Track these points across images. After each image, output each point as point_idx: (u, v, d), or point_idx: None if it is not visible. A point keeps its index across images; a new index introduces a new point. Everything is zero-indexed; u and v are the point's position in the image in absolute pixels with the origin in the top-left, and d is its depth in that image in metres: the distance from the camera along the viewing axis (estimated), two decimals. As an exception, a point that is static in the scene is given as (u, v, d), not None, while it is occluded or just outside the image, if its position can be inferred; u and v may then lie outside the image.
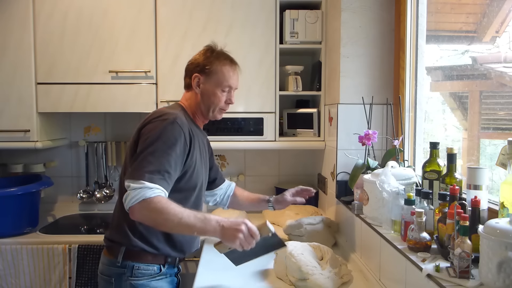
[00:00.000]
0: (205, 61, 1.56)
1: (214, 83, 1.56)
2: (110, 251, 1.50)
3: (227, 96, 1.60)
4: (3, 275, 2.02)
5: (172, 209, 1.33)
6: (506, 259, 0.91)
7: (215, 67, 1.56)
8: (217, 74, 1.56)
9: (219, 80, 1.56)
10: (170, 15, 2.23)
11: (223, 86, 1.57)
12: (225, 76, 1.57)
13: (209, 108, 1.58)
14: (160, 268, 1.49)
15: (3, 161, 2.56)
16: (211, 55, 1.58)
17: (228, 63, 1.59)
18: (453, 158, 1.34)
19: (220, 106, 1.59)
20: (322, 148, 2.34)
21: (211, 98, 1.56)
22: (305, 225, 1.94)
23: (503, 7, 1.51)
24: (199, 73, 1.56)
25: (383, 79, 2.00)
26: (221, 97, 1.58)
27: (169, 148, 1.38)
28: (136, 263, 1.45)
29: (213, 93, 1.56)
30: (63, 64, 2.23)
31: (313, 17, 2.27)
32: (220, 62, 1.57)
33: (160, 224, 1.35)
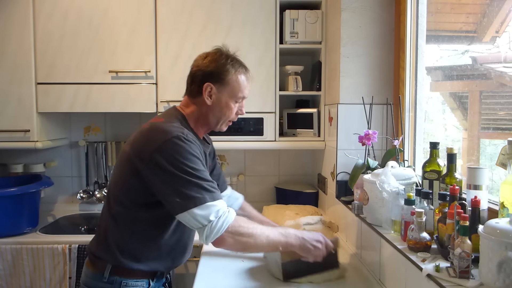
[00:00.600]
0: (219, 69, 1.41)
1: (229, 94, 1.42)
2: (95, 265, 1.39)
3: (239, 107, 1.47)
4: (3, 275, 2.02)
5: (256, 228, 1.31)
6: (506, 259, 0.91)
7: (230, 76, 1.41)
8: (232, 84, 1.42)
9: (235, 91, 1.42)
10: (170, 15, 2.23)
11: (238, 97, 1.44)
12: (241, 86, 1.43)
13: (219, 120, 1.45)
14: (149, 282, 1.40)
15: (3, 161, 2.56)
16: (226, 63, 1.42)
17: (244, 71, 1.46)
18: (453, 158, 1.34)
19: (231, 117, 1.47)
20: (322, 148, 2.34)
21: (224, 110, 1.43)
22: (303, 225, 1.94)
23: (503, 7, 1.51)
24: (212, 82, 1.40)
25: (383, 79, 2.00)
26: (233, 108, 1.45)
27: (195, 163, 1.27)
28: (124, 279, 1.35)
29: (227, 104, 1.43)
30: (63, 64, 2.23)
31: (313, 17, 2.27)
32: (237, 71, 1.43)
33: (250, 247, 1.31)
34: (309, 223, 1.96)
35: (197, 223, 1.24)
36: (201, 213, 1.22)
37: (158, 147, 1.27)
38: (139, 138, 1.35)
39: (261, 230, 1.31)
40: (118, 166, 1.40)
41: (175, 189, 1.24)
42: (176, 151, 1.26)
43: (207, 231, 1.24)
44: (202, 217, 1.23)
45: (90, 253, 1.42)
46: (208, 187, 1.26)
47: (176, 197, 1.24)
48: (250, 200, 2.64)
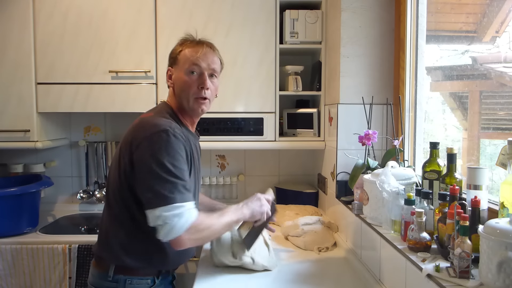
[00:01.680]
0: (172, 52, 1.48)
1: (179, 69, 1.43)
2: (99, 265, 1.41)
3: (198, 80, 1.41)
4: (3, 275, 2.02)
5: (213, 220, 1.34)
6: (506, 259, 0.91)
7: (177, 52, 1.45)
8: (180, 58, 1.43)
9: (181, 62, 1.43)
10: (170, 14, 2.23)
11: (187, 67, 1.41)
12: (188, 57, 1.41)
13: (182, 99, 1.42)
14: (154, 280, 1.41)
15: (3, 161, 2.56)
16: (176, 44, 1.49)
17: (192, 44, 1.45)
18: (453, 158, 1.34)
19: (192, 92, 1.41)
20: (322, 148, 2.34)
21: (181, 86, 1.42)
22: (301, 226, 1.94)
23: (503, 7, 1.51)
24: (170, 65, 1.48)
25: (383, 79, 2.00)
26: (189, 81, 1.40)
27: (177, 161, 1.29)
28: (128, 277, 1.37)
29: (180, 79, 1.42)
30: (63, 64, 2.22)
31: (313, 17, 2.27)
32: (183, 45, 1.45)
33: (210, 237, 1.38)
34: (308, 223, 1.96)
35: (159, 221, 1.23)
36: (166, 214, 1.22)
37: (144, 139, 1.29)
38: (127, 134, 1.37)
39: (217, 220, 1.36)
40: (113, 165, 1.40)
41: (150, 185, 1.26)
42: (160, 145, 1.28)
43: (166, 229, 1.23)
44: (165, 217, 1.22)
45: (95, 253, 1.45)
46: (181, 188, 1.27)
47: (149, 193, 1.26)
48: (250, 200, 2.65)
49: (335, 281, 1.55)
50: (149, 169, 1.26)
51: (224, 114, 2.27)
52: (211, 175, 2.63)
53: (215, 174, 2.65)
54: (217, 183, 2.61)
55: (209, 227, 1.32)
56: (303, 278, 1.56)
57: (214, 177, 2.61)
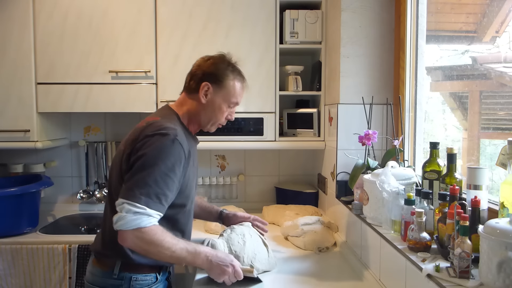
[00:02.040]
0: (219, 71, 1.48)
1: (223, 97, 1.49)
2: (102, 263, 1.43)
3: (229, 112, 1.54)
4: (3, 275, 2.02)
5: (166, 242, 1.30)
6: (506, 259, 0.91)
7: (228, 81, 1.48)
8: (228, 89, 1.49)
9: (229, 95, 1.49)
10: (170, 15, 2.23)
11: (231, 102, 1.51)
12: (236, 93, 1.50)
13: (209, 121, 1.51)
14: (156, 276, 1.45)
15: (3, 161, 2.56)
16: (226, 68, 1.50)
17: (241, 80, 1.53)
18: (453, 158, 1.34)
19: (221, 121, 1.53)
20: (322, 148, 2.34)
21: (215, 112, 1.49)
22: (301, 226, 1.94)
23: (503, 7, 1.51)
24: (210, 82, 1.46)
25: (383, 79, 2.00)
26: (225, 112, 1.51)
27: (170, 170, 1.31)
28: (133, 274, 1.40)
29: (219, 107, 1.49)
30: (63, 64, 2.22)
31: (313, 17, 2.27)
32: (235, 78, 1.50)
33: (151, 254, 1.32)
34: (307, 223, 1.96)
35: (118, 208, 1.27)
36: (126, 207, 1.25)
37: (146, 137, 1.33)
38: (131, 134, 1.40)
39: (171, 245, 1.31)
40: (115, 165, 1.42)
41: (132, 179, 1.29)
42: (158, 148, 1.31)
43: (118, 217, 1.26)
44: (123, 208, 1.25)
45: (96, 252, 1.45)
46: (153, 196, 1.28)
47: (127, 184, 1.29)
48: (250, 200, 2.66)
49: (335, 281, 1.55)
50: (138, 166, 1.30)
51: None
52: (211, 175, 2.63)
53: (215, 174, 2.65)
54: (217, 183, 2.61)
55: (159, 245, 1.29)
56: (303, 278, 1.56)
57: (214, 177, 2.61)
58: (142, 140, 1.34)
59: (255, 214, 2.41)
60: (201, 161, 2.63)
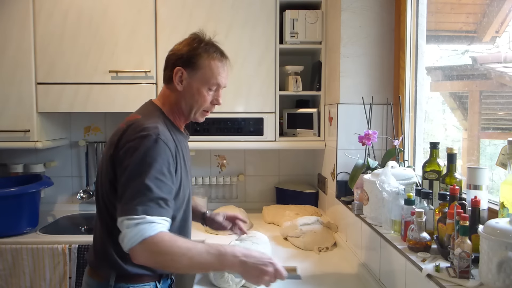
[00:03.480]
0: (191, 52, 1.34)
1: (200, 80, 1.33)
2: (98, 274, 1.33)
3: (214, 95, 1.37)
4: (3, 275, 2.02)
5: (178, 247, 1.14)
6: (506, 259, 0.91)
7: (202, 60, 1.33)
8: (204, 69, 1.33)
9: (206, 76, 1.34)
10: (170, 15, 2.23)
11: (211, 84, 1.35)
12: (214, 73, 1.34)
13: (192, 109, 1.36)
14: (156, 285, 1.34)
15: (3, 161, 2.56)
16: (198, 46, 1.35)
17: (218, 57, 1.37)
18: (453, 158, 1.34)
19: (205, 107, 1.37)
20: (322, 148, 2.34)
21: (195, 97, 1.34)
22: (300, 226, 1.94)
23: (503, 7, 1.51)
24: (183, 66, 1.33)
25: (383, 79, 2.00)
26: (206, 96, 1.35)
27: (159, 173, 1.19)
28: (131, 284, 1.30)
29: (198, 91, 1.34)
30: (63, 64, 2.22)
31: (313, 17, 2.27)
32: (209, 56, 1.34)
33: (168, 267, 1.18)
34: (306, 223, 1.96)
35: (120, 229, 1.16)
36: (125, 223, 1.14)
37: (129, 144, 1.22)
38: (115, 136, 1.29)
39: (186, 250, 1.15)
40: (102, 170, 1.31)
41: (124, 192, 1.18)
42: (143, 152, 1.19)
43: (120, 237, 1.15)
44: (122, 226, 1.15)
45: (91, 262, 1.36)
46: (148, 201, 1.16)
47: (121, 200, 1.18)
48: (250, 200, 2.66)
49: (335, 281, 1.55)
50: (126, 176, 1.19)
51: (224, 114, 2.27)
52: (211, 175, 2.63)
53: (215, 174, 2.65)
54: (217, 183, 2.61)
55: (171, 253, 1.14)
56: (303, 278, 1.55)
57: (214, 177, 2.61)
58: (124, 146, 1.22)
59: (255, 214, 2.43)
60: (201, 161, 2.63)
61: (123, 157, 1.22)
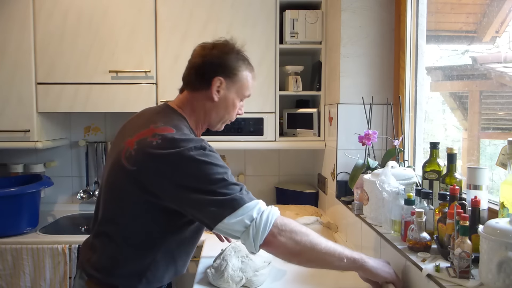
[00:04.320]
0: (232, 63, 1.27)
1: (236, 92, 1.29)
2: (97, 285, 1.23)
3: (239, 106, 1.35)
4: (3, 275, 2.02)
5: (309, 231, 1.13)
6: (506, 259, 0.91)
7: (242, 72, 1.28)
8: (242, 82, 1.29)
9: (243, 88, 1.30)
10: (170, 14, 2.23)
11: (244, 96, 1.32)
12: (249, 85, 1.32)
13: (222, 119, 1.31)
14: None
15: (3, 161, 2.56)
16: (238, 57, 1.29)
17: (252, 68, 1.34)
18: (453, 158, 1.34)
19: (232, 118, 1.34)
20: (322, 148, 2.34)
21: (229, 108, 1.29)
22: None
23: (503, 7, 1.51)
24: (223, 76, 1.25)
25: (383, 79, 2.00)
26: (237, 106, 1.31)
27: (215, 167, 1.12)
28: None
29: (233, 103, 1.29)
30: (63, 64, 2.22)
31: (313, 17, 2.27)
32: (247, 68, 1.31)
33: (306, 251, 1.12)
34: (306, 223, 1.96)
35: (238, 227, 1.07)
36: (241, 217, 1.07)
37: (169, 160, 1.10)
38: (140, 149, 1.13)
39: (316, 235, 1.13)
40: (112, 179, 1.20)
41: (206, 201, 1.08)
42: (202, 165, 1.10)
43: (252, 231, 1.07)
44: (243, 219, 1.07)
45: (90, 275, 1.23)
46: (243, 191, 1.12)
47: (210, 207, 1.08)
48: (250, 200, 2.65)
49: (335, 281, 1.55)
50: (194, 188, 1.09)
51: (224, 114, 2.26)
52: (211, 175, 2.62)
53: (215, 174, 2.64)
54: (217, 183, 2.60)
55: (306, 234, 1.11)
56: (303, 278, 1.56)
57: (214, 177, 2.60)
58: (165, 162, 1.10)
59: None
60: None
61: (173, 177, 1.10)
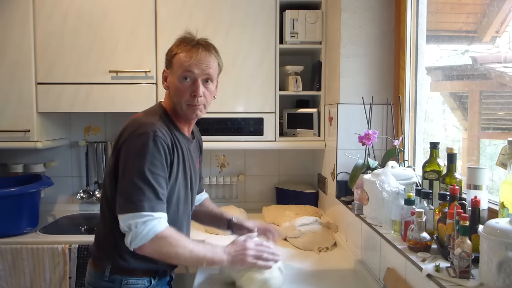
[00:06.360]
0: (168, 53, 1.41)
1: (174, 74, 1.37)
2: (96, 264, 1.41)
3: (191, 87, 1.36)
4: (3, 275, 2.02)
5: (182, 241, 1.28)
6: (506, 259, 0.91)
7: (173, 54, 1.38)
8: (175, 63, 1.37)
9: (176, 68, 1.36)
10: (170, 15, 2.23)
11: (181, 74, 1.35)
12: (182, 62, 1.35)
13: (176, 104, 1.39)
14: (150, 281, 1.39)
15: (3, 161, 2.56)
16: (172, 46, 1.41)
17: (187, 48, 1.37)
18: (453, 158, 1.34)
19: (185, 99, 1.37)
20: (322, 148, 2.34)
21: (175, 92, 1.37)
22: (298, 227, 1.93)
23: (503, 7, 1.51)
24: (166, 67, 1.42)
25: (383, 79, 2.00)
26: (181, 88, 1.36)
27: (156, 167, 1.27)
28: (124, 277, 1.36)
29: (174, 85, 1.37)
30: (63, 64, 2.22)
31: (313, 17, 2.27)
32: (178, 47, 1.37)
33: (171, 258, 1.29)
34: (305, 224, 1.96)
35: (125, 227, 1.24)
36: (132, 221, 1.22)
37: (125, 140, 1.30)
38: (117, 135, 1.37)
39: (187, 243, 1.30)
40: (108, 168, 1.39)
41: (123, 189, 1.26)
42: (138, 148, 1.26)
43: (130, 238, 1.23)
44: (131, 224, 1.23)
45: (91, 253, 1.45)
46: (152, 196, 1.25)
47: (121, 197, 1.26)
48: (250, 200, 2.66)
49: (335, 281, 1.55)
50: (125, 172, 1.27)
51: (224, 114, 2.27)
52: (211, 175, 2.63)
53: (215, 174, 2.65)
54: (217, 183, 2.61)
55: (176, 246, 1.27)
56: (303, 278, 1.56)
57: (214, 177, 2.61)
58: (123, 144, 1.30)
59: (255, 214, 2.43)
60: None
61: (122, 153, 1.29)
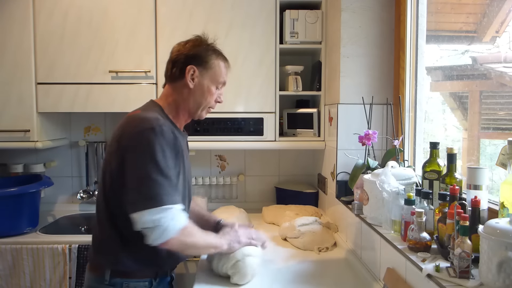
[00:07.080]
0: (202, 53, 1.43)
1: (211, 78, 1.44)
2: (95, 269, 1.39)
3: (218, 93, 1.49)
4: (3, 275, 2.02)
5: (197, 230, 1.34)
6: (506, 259, 0.91)
7: (213, 61, 1.44)
8: (214, 69, 1.44)
9: (216, 75, 1.45)
10: (170, 14, 2.23)
11: (219, 82, 1.46)
12: (222, 72, 1.46)
13: (200, 106, 1.44)
14: (151, 282, 1.39)
15: (3, 161, 2.56)
16: (208, 48, 1.46)
17: (224, 58, 1.50)
18: (453, 158, 1.34)
19: (211, 104, 1.47)
20: (322, 148, 2.34)
21: (205, 95, 1.43)
22: (298, 227, 1.93)
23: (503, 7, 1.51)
24: (196, 65, 1.41)
25: (383, 79, 2.00)
26: (214, 94, 1.46)
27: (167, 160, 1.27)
28: (125, 280, 1.35)
29: (208, 89, 1.43)
30: (63, 64, 2.22)
31: (313, 17, 2.27)
32: (218, 57, 1.47)
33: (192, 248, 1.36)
34: (305, 224, 1.96)
35: (148, 224, 1.22)
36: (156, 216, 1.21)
37: (131, 137, 1.28)
38: (115, 133, 1.35)
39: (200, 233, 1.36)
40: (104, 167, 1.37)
41: (137, 185, 1.24)
42: (148, 142, 1.25)
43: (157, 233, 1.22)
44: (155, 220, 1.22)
45: (89, 257, 1.44)
46: (170, 189, 1.26)
47: (135, 194, 1.24)
48: (250, 200, 2.66)
49: (335, 281, 1.55)
50: (136, 169, 1.25)
51: (224, 114, 2.27)
52: (211, 175, 2.63)
53: (215, 174, 2.65)
54: (217, 183, 2.61)
55: (195, 236, 1.33)
56: (303, 278, 1.56)
57: (214, 177, 2.61)
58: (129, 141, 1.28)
59: (255, 214, 2.43)
60: (201, 161, 2.63)
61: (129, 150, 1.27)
